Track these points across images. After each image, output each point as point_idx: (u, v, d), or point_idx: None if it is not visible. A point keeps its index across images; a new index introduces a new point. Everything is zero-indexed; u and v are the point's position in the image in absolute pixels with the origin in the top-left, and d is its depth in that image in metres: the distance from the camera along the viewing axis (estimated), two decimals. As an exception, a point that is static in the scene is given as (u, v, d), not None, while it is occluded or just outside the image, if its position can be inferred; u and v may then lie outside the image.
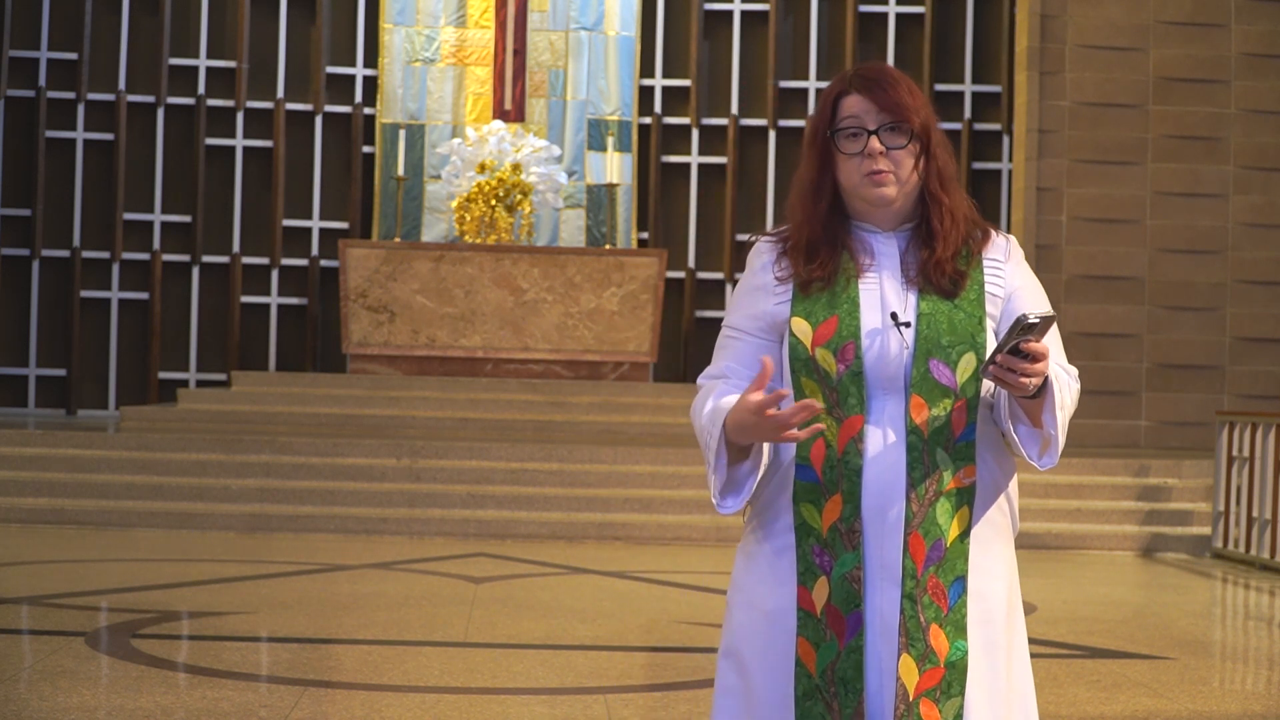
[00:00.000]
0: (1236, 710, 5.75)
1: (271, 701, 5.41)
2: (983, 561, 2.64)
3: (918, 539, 2.58)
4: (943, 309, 2.62)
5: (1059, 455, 2.63)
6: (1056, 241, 13.84)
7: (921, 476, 2.58)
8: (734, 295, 2.76)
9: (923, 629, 2.57)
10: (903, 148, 2.62)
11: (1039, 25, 13.82)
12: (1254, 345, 13.81)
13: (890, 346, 2.60)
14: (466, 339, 14.21)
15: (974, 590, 2.62)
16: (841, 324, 2.61)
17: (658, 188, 15.81)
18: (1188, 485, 11.33)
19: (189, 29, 15.73)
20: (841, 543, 2.59)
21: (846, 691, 2.58)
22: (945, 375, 2.59)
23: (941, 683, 2.58)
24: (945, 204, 2.66)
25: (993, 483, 2.66)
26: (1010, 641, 2.67)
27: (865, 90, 2.63)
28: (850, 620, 2.59)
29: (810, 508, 2.61)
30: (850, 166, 2.63)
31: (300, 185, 15.76)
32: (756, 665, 2.65)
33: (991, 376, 2.51)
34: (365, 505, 10.73)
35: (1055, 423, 2.59)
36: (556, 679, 6.01)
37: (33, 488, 10.69)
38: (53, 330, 15.41)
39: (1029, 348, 2.47)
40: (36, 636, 6.69)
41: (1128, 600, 8.70)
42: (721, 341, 2.74)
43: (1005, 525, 2.70)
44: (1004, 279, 2.69)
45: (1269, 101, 13.85)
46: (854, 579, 2.59)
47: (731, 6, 15.96)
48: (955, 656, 2.59)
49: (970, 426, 2.61)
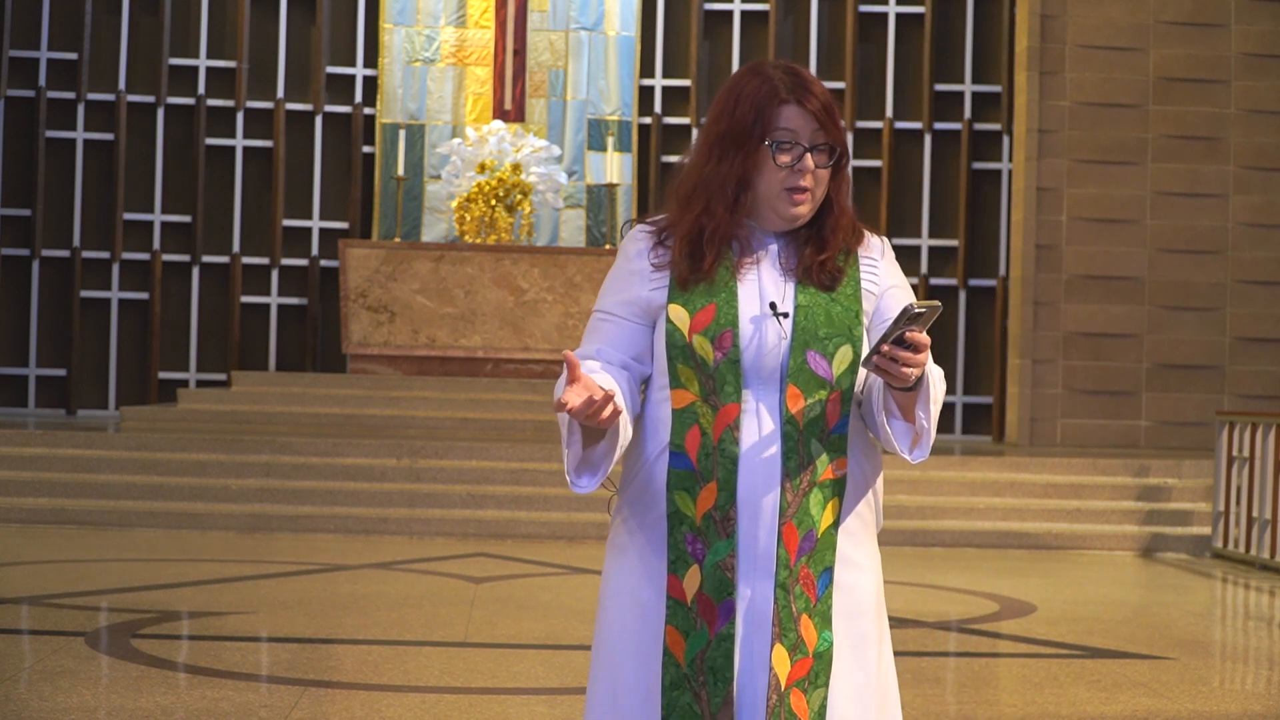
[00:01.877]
0: (1236, 710, 5.75)
1: (271, 701, 5.41)
2: (852, 555, 2.65)
3: (791, 529, 2.58)
4: (820, 301, 2.63)
5: (930, 449, 2.64)
6: (1056, 241, 13.84)
7: (796, 467, 2.59)
8: (607, 280, 2.75)
9: (794, 619, 2.58)
10: (826, 168, 2.64)
11: (1039, 25, 13.82)
12: (1254, 345, 13.82)
13: (768, 336, 2.61)
14: (466, 339, 14.21)
15: (843, 583, 2.63)
16: (720, 312, 2.61)
17: (658, 188, 15.81)
18: (1188, 485, 11.33)
19: (189, 29, 15.73)
20: (715, 530, 2.59)
21: (716, 681, 2.58)
22: (822, 367, 2.61)
23: (810, 673, 2.58)
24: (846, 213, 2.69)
25: (862, 477, 2.67)
26: (879, 635, 2.68)
27: (803, 104, 2.63)
28: (722, 609, 2.58)
29: (684, 495, 2.60)
30: (777, 177, 2.63)
31: (300, 185, 15.76)
32: (626, 657, 2.64)
33: (874, 366, 2.51)
34: (365, 505, 10.73)
35: (929, 415, 2.60)
36: (556, 679, 6.01)
37: (33, 488, 10.69)
38: (53, 330, 15.41)
39: (912, 337, 2.47)
40: (36, 636, 6.69)
41: (1128, 600, 8.70)
42: (592, 325, 2.73)
43: (871, 520, 2.72)
44: (879, 277, 2.71)
45: (1269, 101, 13.85)
46: (727, 567, 2.58)
47: (731, 6, 15.96)
48: (822, 647, 2.60)
49: (844, 419, 2.62)
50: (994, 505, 11.00)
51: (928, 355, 2.51)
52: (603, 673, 2.68)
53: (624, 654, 2.64)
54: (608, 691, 2.66)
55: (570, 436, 2.59)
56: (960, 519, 10.92)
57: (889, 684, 2.70)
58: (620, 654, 2.65)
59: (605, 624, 2.69)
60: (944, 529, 10.75)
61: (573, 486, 2.64)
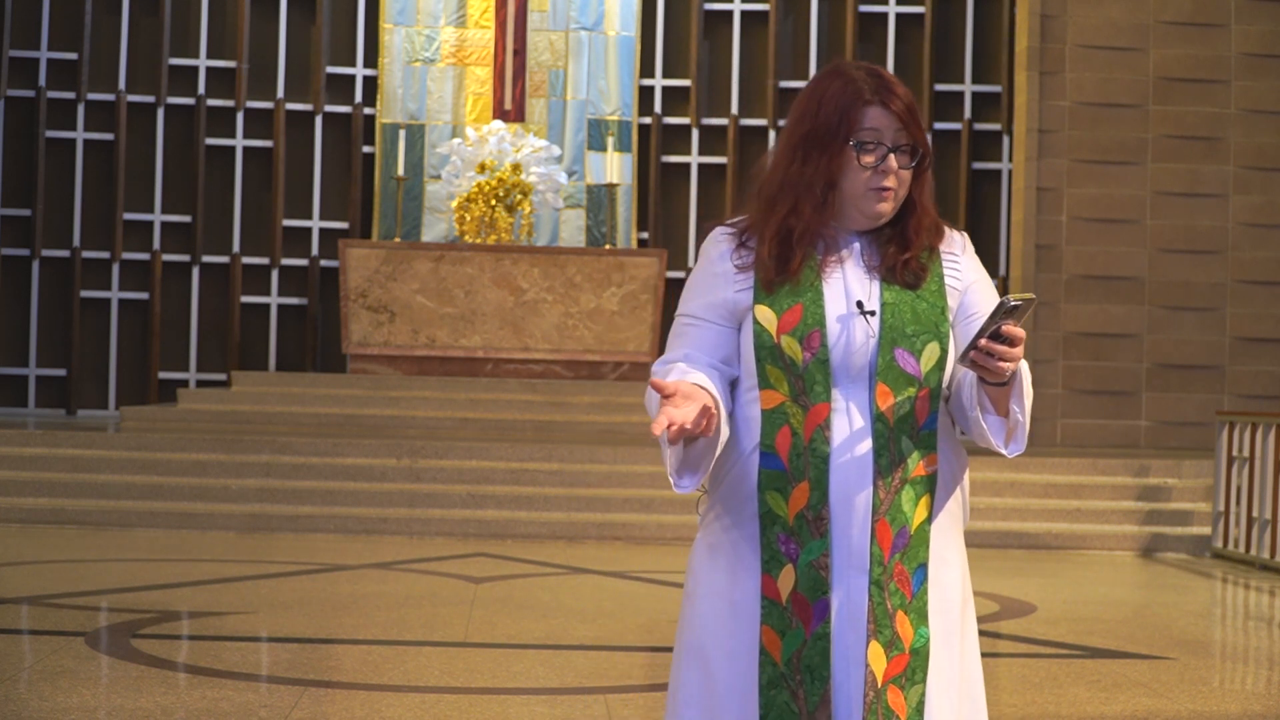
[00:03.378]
0: (1236, 710, 5.75)
1: (271, 701, 5.41)
2: (943, 552, 2.67)
3: (885, 526, 2.59)
4: (906, 299, 2.65)
5: (1025, 442, 2.65)
6: (1056, 241, 13.84)
7: (888, 464, 2.60)
8: (689, 284, 2.76)
9: (890, 615, 2.59)
10: (909, 168, 2.66)
11: (1039, 25, 13.82)
12: (1254, 345, 13.81)
13: (856, 335, 2.62)
14: (466, 339, 14.21)
15: (935, 579, 2.65)
16: (807, 312, 2.62)
17: (658, 188, 15.82)
18: (1188, 485, 11.33)
19: (189, 29, 15.73)
20: (808, 530, 2.60)
21: (812, 679, 2.59)
22: (910, 364, 2.62)
23: (906, 669, 2.59)
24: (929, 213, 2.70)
25: (951, 473, 2.68)
26: (964, 630, 2.70)
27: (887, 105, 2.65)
28: (817, 608, 2.59)
29: (776, 495, 2.61)
30: (861, 177, 2.65)
31: (300, 185, 15.76)
32: (719, 656, 2.65)
33: (970, 361, 2.52)
34: (365, 505, 10.73)
35: (1023, 408, 2.61)
36: (556, 679, 6.01)
37: (33, 488, 10.69)
38: (53, 330, 15.41)
39: (1008, 331, 2.48)
40: (36, 636, 6.69)
41: (1128, 600, 8.70)
42: (677, 330, 2.73)
43: (960, 515, 2.73)
44: (961, 273, 2.72)
45: (1269, 101, 13.85)
46: (821, 566, 2.59)
47: (731, 6, 15.96)
48: (919, 643, 2.61)
49: (933, 415, 2.63)
50: (994, 505, 10.99)
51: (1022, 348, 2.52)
52: (694, 672, 2.68)
53: (716, 653, 2.65)
54: (702, 691, 2.66)
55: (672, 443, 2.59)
56: (960, 519, 10.91)
57: (975, 678, 2.72)
58: (712, 653, 2.65)
59: (695, 622, 2.69)
60: (944, 529, 10.73)
61: (675, 487, 2.63)
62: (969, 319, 2.69)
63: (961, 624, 2.69)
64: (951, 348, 2.66)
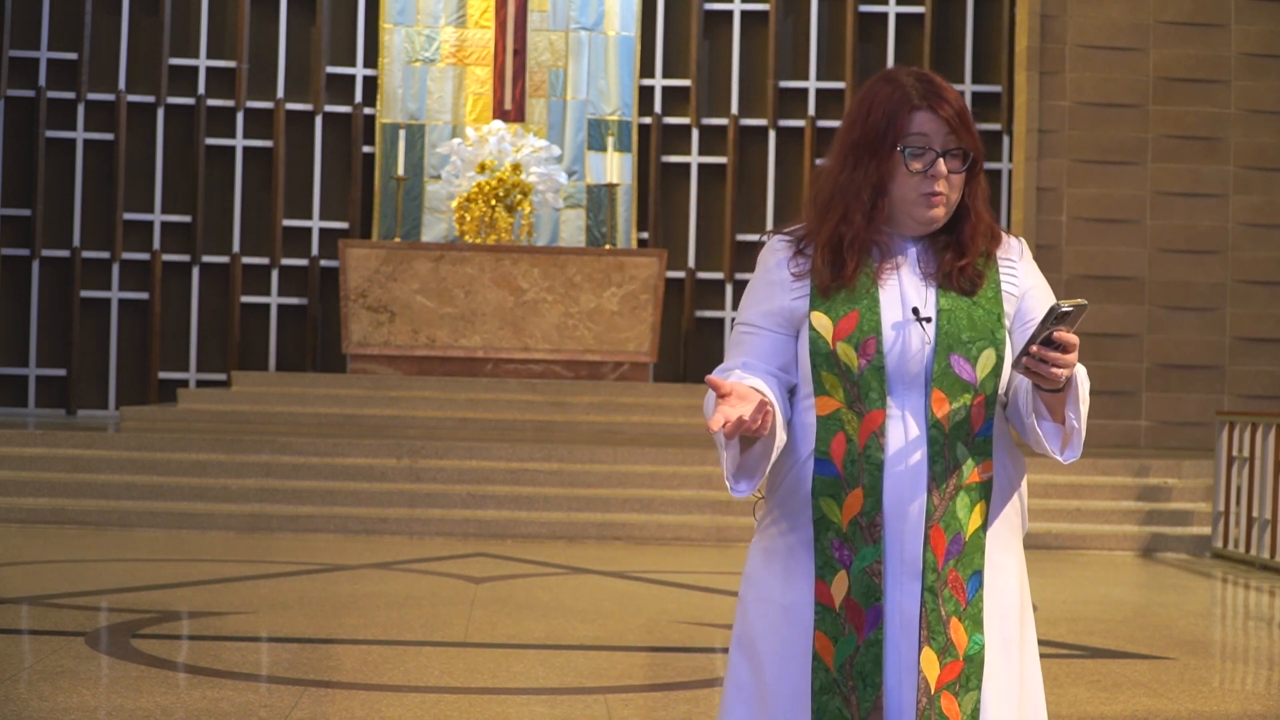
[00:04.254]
0: (1236, 710, 5.75)
1: (271, 701, 5.41)
2: (999, 558, 2.66)
3: (939, 532, 2.59)
4: (962, 306, 2.64)
5: (1081, 449, 2.64)
6: (1056, 241, 13.83)
7: (943, 470, 2.60)
8: (747, 292, 2.77)
9: (943, 622, 2.58)
10: (960, 173, 2.65)
11: (1039, 25, 13.82)
12: (1254, 345, 13.81)
13: (912, 341, 2.62)
14: (466, 339, 14.21)
15: (991, 586, 2.64)
16: (862, 319, 2.62)
17: (658, 188, 15.82)
18: (1188, 485, 11.33)
19: (189, 29, 15.73)
20: (862, 536, 2.60)
21: (865, 686, 2.59)
22: (966, 370, 2.61)
23: (960, 676, 2.59)
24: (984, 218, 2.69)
25: (1007, 480, 2.68)
26: (1023, 638, 2.69)
27: (935, 110, 2.64)
28: (870, 614, 2.59)
29: (830, 502, 2.61)
30: (910, 182, 2.64)
31: (300, 185, 15.76)
32: (771, 660, 2.65)
33: (1024, 368, 2.52)
34: (365, 505, 10.73)
35: (1079, 415, 2.60)
36: (556, 679, 6.01)
37: (33, 488, 10.69)
38: (53, 330, 15.41)
39: (1060, 337, 2.47)
40: (36, 636, 6.69)
41: (1128, 600, 8.70)
42: (736, 338, 2.74)
43: (1018, 523, 2.72)
44: (1018, 279, 2.72)
45: (1269, 101, 13.85)
46: (874, 573, 2.60)
47: (731, 6, 15.96)
48: (973, 650, 2.60)
49: (989, 422, 2.63)
50: (994, 505, 10.98)
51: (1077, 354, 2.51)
52: (747, 674, 2.68)
53: (769, 656, 2.65)
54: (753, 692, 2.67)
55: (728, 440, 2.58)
56: (960, 519, 10.91)
57: (1034, 686, 2.71)
58: (764, 655, 2.65)
59: (748, 626, 2.69)
60: (944, 529, 10.74)
61: (732, 491, 2.64)
62: (1026, 325, 2.68)
63: (1021, 632, 2.68)
64: (1008, 354, 2.65)
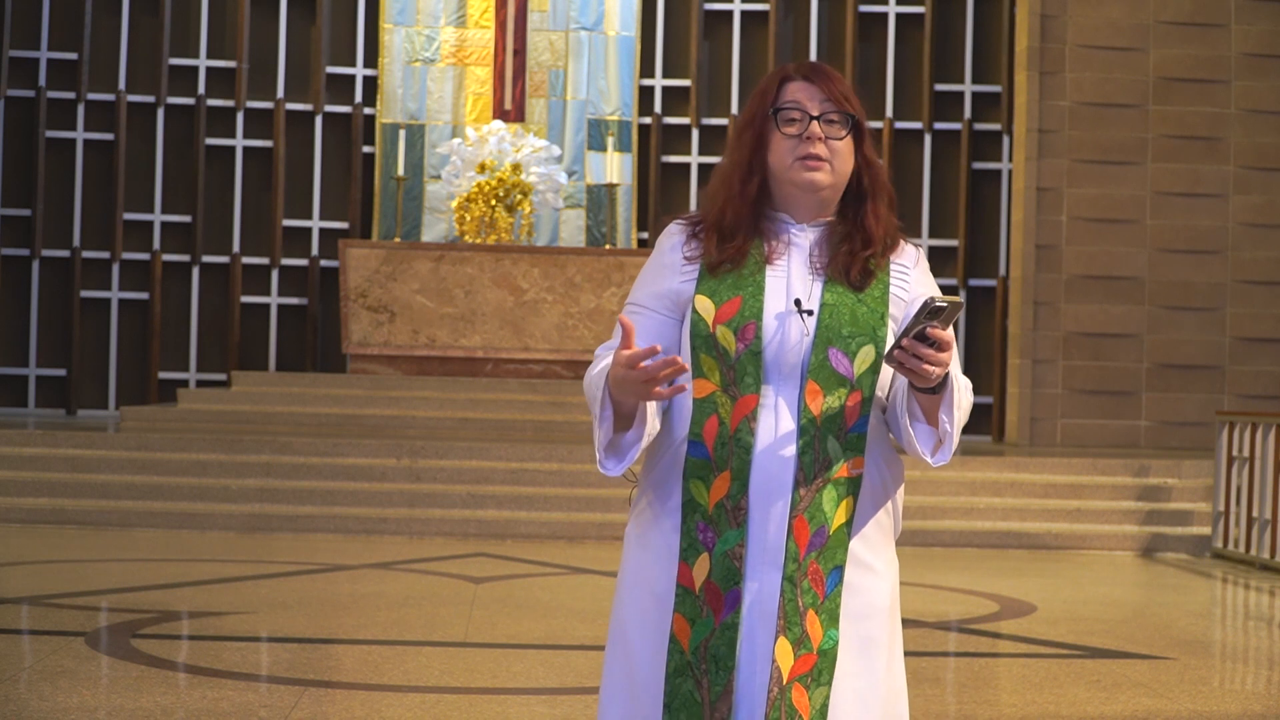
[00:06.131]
0: (1236, 710, 5.75)
1: (271, 701, 5.41)
2: (867, 558, 2.65)
3: (802, 523, 2.59)
4: (847, 301, 2.64)
5: (951, 455, 2.63)
6: (1056, 241, 13.84)
7: (811, 462, 2.59)
8: (640, 274, 2.78)
9: (800, 614, 2.57)
10: (840, 139, 2.65)
11: (1039, 25, 13.82)
12: (1254, 345, 13.82)
13: (791, 332, 2.62)
14: (466, 339, 14.21)
15: (855, 584, 2.62)
16: (745, 305, 2.62)
17: (658, 188, 15.82)
18: (1188, 485, 11.33)
19: (189, 29, 15.73)
20: (727, 519, 2.60)
21: (717, 669, 2.58)
22: (843, 365, 2.61)
23: (813, 670, 2.58)
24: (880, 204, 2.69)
25: (881, 482, 2.67)
26: (890, 643, 2.67)
27: (809, 78, 2.67)
28: (728, 598, 2.59)
29: (699, 484, 2.61)
30: (785, 148, 2.65)
31: (300, 185, 15.76)
32: (640, 645, 2.65)
33: (895, 362, 2.51)
34: (365, 505, 10.73)
35: (952, 420, 2.60)
36: (556, 679, 6.01)
37: (33, 488, 10.69)
38: (53, 330, 15.41)
39: (934, 334, 2.47)
40: (36, 636, 6.69)
41: (1128, 600, 8.70)
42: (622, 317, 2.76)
43: (890, 527, 2.71)
44: (909, 285, 2.71)
45: (1269, 101, 13.86)
46: (735, 556, 2.59)
47: (731, 6, 15.96)
48: (827, 645, 2.59)
49: (863, 419, 2.62)
50: (994, 505, 11.00)
51: (951, 354, 2.50)
52: (618, 662, 2.68)
53: (638, 642, 2.65)
54: (624, 680, 2.66)
55: (602, 413, 2.60)
56: (960, 519, 10.92)
57: (897, 692, 2.68)
58: (635, 642, 2.65)
59: (621, 612, 2.69)
60: (944, 529, 10.75)
61: (600, 466, 2.65)
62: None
63: (887, 637, 2.66)
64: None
